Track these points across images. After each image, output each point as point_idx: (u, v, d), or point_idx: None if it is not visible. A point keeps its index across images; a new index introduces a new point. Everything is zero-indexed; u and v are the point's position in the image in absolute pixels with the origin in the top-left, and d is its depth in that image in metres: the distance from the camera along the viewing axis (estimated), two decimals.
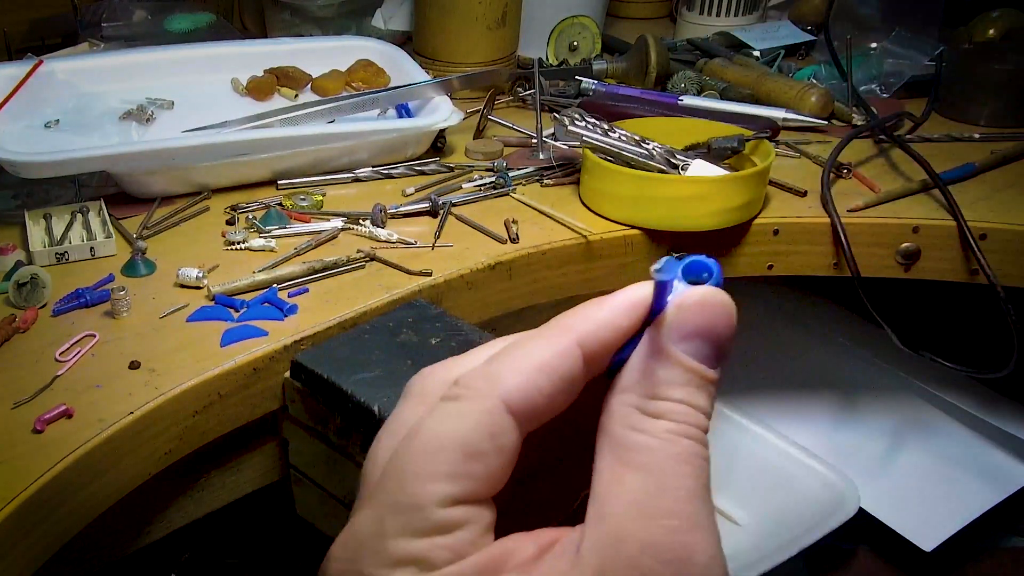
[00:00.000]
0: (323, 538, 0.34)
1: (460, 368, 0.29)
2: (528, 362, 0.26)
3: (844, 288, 1.22)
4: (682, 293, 0.26)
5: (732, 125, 0.85)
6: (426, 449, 0.26)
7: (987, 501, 1.01)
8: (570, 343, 0.27)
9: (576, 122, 0.79)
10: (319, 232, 0.75)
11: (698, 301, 0.26)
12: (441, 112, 0.86)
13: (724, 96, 1.00)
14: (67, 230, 0.74)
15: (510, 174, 0.85)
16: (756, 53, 1.16)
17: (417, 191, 0.83)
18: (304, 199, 0.80)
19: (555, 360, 0.26)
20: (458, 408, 0.26)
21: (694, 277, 0.27)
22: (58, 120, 0.85)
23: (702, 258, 0.27)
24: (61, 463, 0.52)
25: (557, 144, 0.90)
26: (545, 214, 0.79)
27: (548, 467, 0.31)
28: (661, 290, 0.27)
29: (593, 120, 0.80)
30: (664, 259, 0.27)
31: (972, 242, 0.79)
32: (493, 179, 0.85)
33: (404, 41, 1.14)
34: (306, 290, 0.68)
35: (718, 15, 1.25)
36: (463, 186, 0.84)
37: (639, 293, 0.27)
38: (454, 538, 0.25)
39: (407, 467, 0.26)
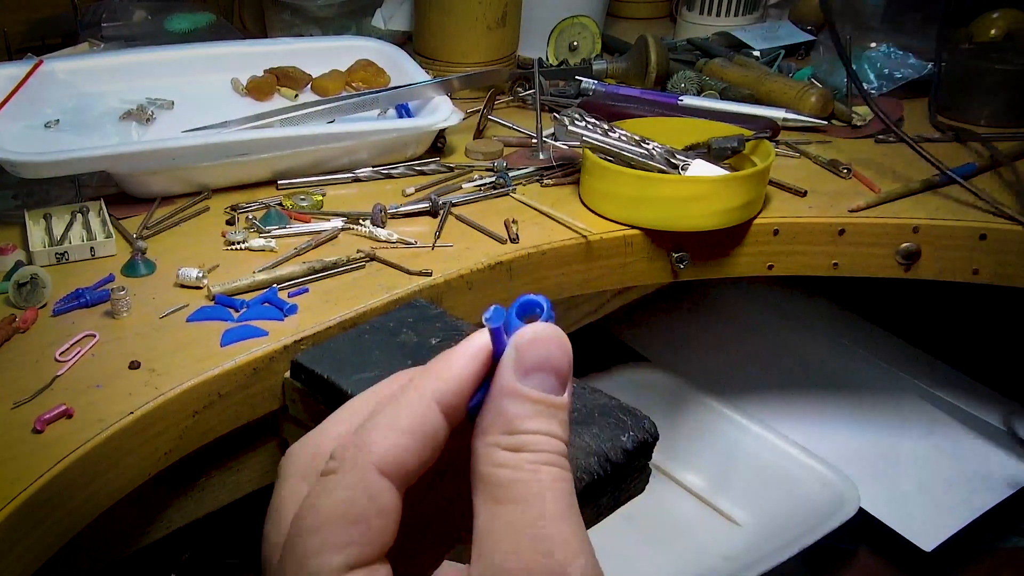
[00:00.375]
0: None
1: (326, 438, 0.31)
2: (393, 426, 0.28)
3: (844, 288, 1.22)
4: (520, 332, 0.29)
5: (732, 125, 0.85)
6: (314, 525, 0.28)
7: (987, 501, 1.01)
8: (428, 402, 0.29)
9: (576, 122, 0.79)
10: (319, 232, 0.75)
11: (531, 338, 0.29)
12: (441, 112, 0.86)
13: (724, 96, 1.00)
14: (67, 230, 0.74)
15: (510, 174, 0.85)
16: (756, 53, 1.16)
17: (417, 191, 0.83)
18: (304, 199, 0.80)
19: (417, 421, 0.28)
20: (336, 480, 0.28)
21: (528, 315, 0.29)
22: (58, 120, 0.85)
23: (531, 297, 0.29)
24: (61, 463, 0.52)
25: (557, 144, 0.90)
26: (545, 214, 0.79)
27: (435, 507, 0.33)
28: (496, 336, 0.29)
29: (593, 120, 0.80)
30: (492, 307, 0.29)
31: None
32: (493, 179, 0.85)
33: (404, 41, 1.14)
34: (306, 290, 0.68)
35: (718, 15, 1.25)
36: (463, 186, 0.84)
37: (479, 342, 0.29)
38: None
39: (300, 546, 0.28)
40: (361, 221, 0.77)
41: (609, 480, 0.45)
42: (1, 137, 0.77)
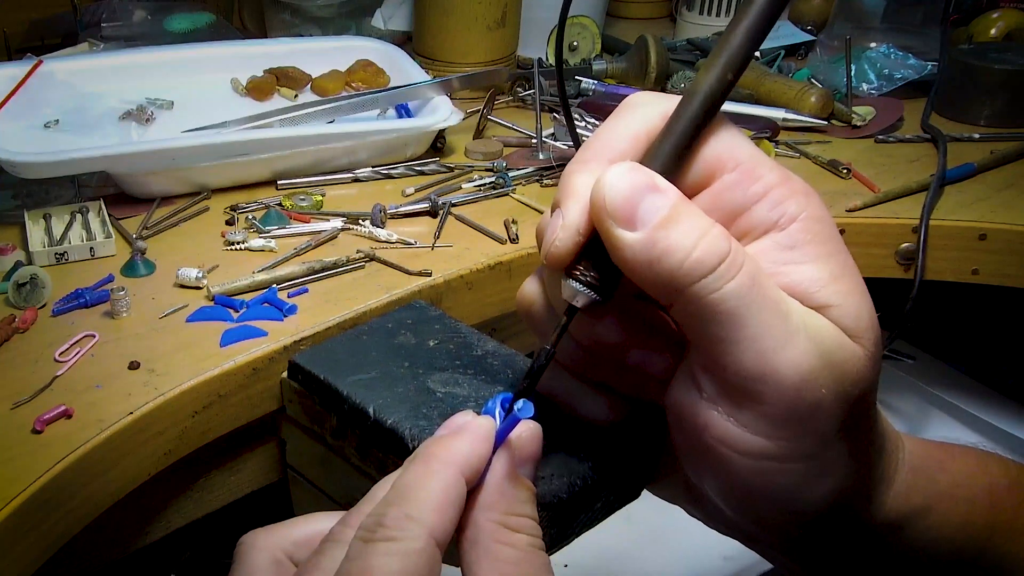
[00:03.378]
0: None
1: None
2: (437, 499, 0.31)
3: None
4: (519, 426, 0.34)
5: None
6: None
7: None
8: (457, 476, 0.32)
9: (576, 122, 0.79)
10: (319, 232, 0.75)
11: (530, 435, 0.34)
12: (441, 112, 0.86)
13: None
14: (67, 230, 0.74)
15: (510, 174, 0.85)
16: (756, 53, 1.15)
17: (417, 191, 0.83)
18: (304, 199, 0.80)
19: (453, 492, 0.32)
20: (394, 547, 0.30)
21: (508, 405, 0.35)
22: (58, 120, 0.85)
23: (524, 402, 0.33)
24: (61, 463, 0.52)
25: (557, 144, 0.90)
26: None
27: None
28: (509, 423, 0.34)
29: (593, 120, 0.80)
30: (522, 401, 0.33)
31: None
32: (493, 179, 0.85)
33: (404, 41, 1.14)
34: (306, 290, 0.68)
35: (718, 15, 1.25)
36: (463, 186, 0.84)
37: (487, 426, 0.34)
38: None
39: None
40: (361, 221, 0.77)
41: (603, 485, 0.45)
42: (1, 137, 0.77)
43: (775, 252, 0.34)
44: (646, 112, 0.36)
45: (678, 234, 0.31)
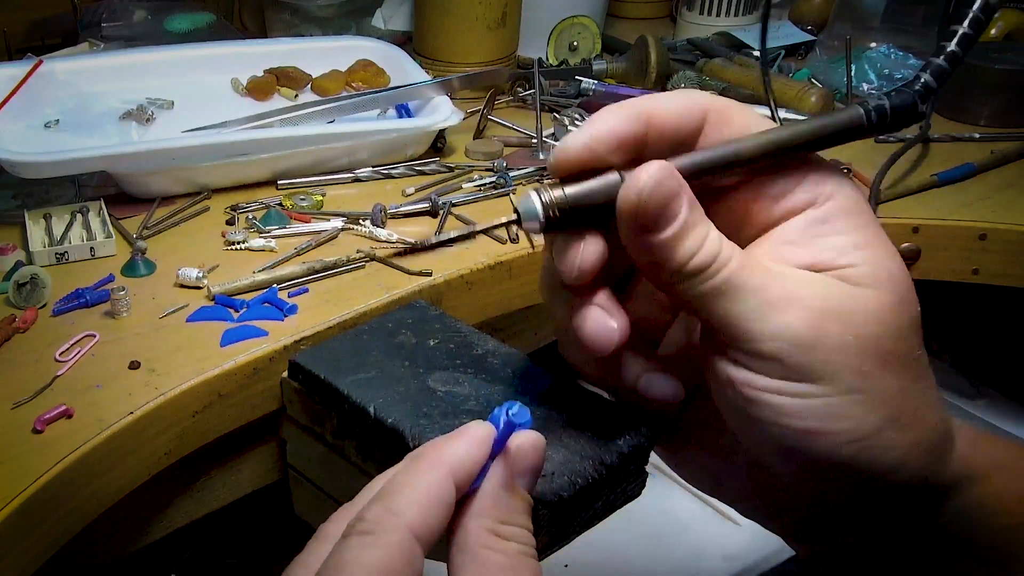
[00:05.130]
0: None
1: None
2: (420, 496, 0.32)
3: None
4: (520, 436, 0.34)
5: None
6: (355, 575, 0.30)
7: None
8: (446, 476, 0.33)
9: (576, 122, 0.79)
10: (319, 232, 0.75)
11: (531, 445, 0.35)
12: (441, 112, 0.86)
13: (724, 96, 1.00)
14: (67, 230, 0.74)
15: (510, 174, 0.85)
16: (756, 53, 1.16)
17: (417, 191, 0.83)
18: (304, 199, 0.80)
19: (439, 490, 0.32)
20: (372, 540, 0.31)
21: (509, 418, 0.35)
22: (58, 120, 0.85)
23: (517, 404, 0.34)
24: (61, 463, 0.52)
25: (557, 144, 0.90)
26: None
27: None
28: (507, 430, 0.34)
29: None
30: (516, 404, 0.34)
31: None
32: (493, 179, 0.85)
33: (404, 41, 1.14)
34: (306, 290, 0.68)
35: (718, 15, 1.25)
36: (463, 186, 0.84)
37: (485, 431, 0.34)
38: None
39: None
40: (361, 221, 0.77)
41: (604, 484, 0.45)
42: (1, 137, 0.77)
43: (810, 226, 0.38)
44: (702, 99, 0.39)
45: (688, 242, 0.36)
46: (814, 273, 0.37)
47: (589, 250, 0.38)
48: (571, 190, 0.38)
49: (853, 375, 0.36)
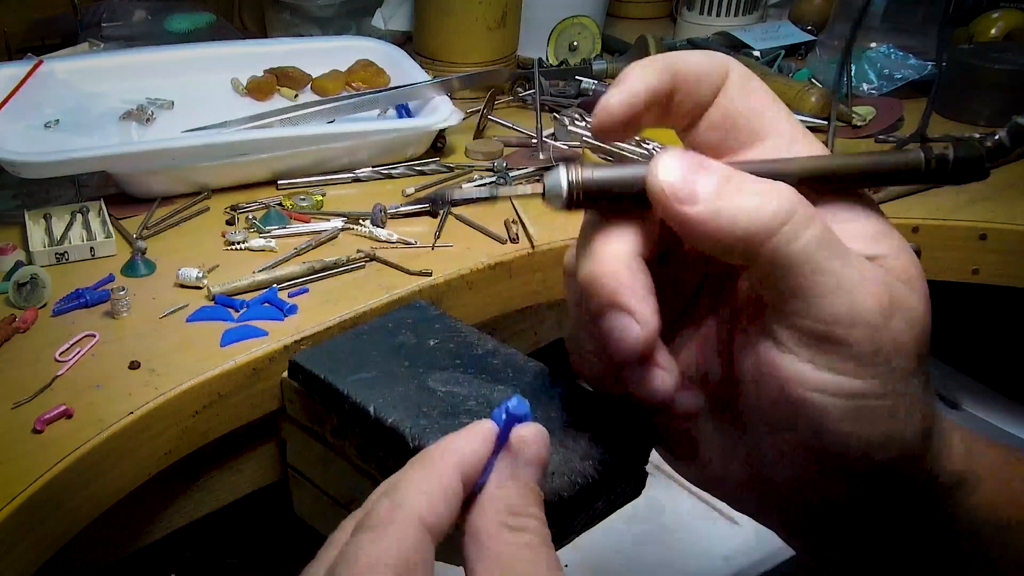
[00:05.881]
0: (321, 538, 0.35)
1: None
2: (426, 488, 0.32)
3: None
4: (522, 428, 0.34)
5: None
6: (370, 568, 0.30)
7: None
8: (454, 471, 0.33)
9: (576, 122, 0.79)
10: (319, 232, 0.75)
11: (533, 436, 0.34)
12: (441, 112, 0.86)
13: None
14: (67, 230, 0.74)
15: (511, 174, 0.85)
16: (756, 53, 1.16)
17: (417, 191, 0.83)
18: (304, 199, 0.80)
19: (446, 481, 0.33)
20: (381, 532, 0.31)
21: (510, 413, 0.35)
22: (58, 120, 0.85)
23: (516, 397, 0.34)
24: (61, 463, 0.52)
25: (557, 144, 0.90)
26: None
27: None
28: (505, 424, 0.34)
29: None
30: (515, 397, 0.34)
31: None
32: (493, 179, 0.85)
33: (404, 41, 1.14)
34: (306, 290, 0.68)
35: (718, 15, 1.25)
36: (463, 186, 0.84)
37: (488, 427, 0.34)
38: None
39: None
40: (361, 221, 0.77)
41: (604, 484, 0.45)
42: (1, 137, 0.77)
43: (829, 212, 0.36)
44: (725, 59, 0.39)
45: (740, 199, 0.34)
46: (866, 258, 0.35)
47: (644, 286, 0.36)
48: (600, 174, 0.37)
49: (911, 369, 0.35)
